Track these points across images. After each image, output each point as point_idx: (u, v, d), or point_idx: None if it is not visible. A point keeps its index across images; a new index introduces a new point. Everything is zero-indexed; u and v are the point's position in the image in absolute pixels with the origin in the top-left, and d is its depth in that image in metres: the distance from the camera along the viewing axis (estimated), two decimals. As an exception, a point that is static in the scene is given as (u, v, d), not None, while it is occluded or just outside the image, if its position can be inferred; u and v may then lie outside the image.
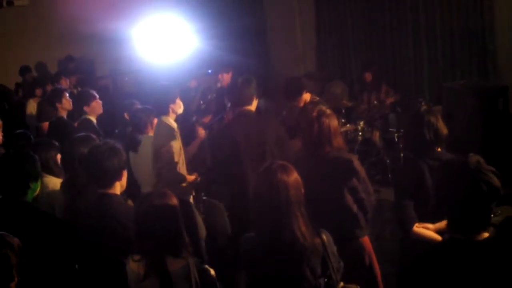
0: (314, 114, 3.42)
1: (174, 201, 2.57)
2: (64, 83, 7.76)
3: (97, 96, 5.47)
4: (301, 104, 5.13)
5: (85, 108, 5.35)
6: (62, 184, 3.47)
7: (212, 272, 2.62)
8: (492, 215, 2.10)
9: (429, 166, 3.16)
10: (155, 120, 4.65)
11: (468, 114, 5.78)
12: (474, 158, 2.11)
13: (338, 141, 3.47)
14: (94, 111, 5.39)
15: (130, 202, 3.04)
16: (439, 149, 3.26)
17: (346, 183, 3.38)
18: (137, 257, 2.54)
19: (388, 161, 6.92)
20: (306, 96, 5.14)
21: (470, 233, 2.08)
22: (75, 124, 5.45)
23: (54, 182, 3.57)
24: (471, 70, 7.04)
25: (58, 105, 5.64)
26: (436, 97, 7.10)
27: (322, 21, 9.30)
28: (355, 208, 3.43)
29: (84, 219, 2.93)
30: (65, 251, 2.87)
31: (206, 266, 2.61)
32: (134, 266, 2.54)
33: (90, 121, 5.31)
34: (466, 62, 7.10)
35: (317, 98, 5.20)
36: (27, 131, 5.61)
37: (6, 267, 2.22)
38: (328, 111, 3.48)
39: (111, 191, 2.90)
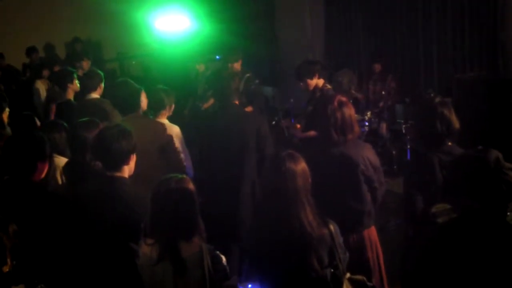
0: (335, 104, 3.37)
1: (191, 186, 2.57)
2: (86, 65, 7.47)
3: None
4: (311, 88, 5.09)
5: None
6: (64, 167, 3.46)
7: (224, 259, 2.61)
8: (508, 213, 2.08)
9: (439, 160, 3.09)
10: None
11: (478, 107, 5.73)
12: (493, 154, 2.06)
13: (357, 129, 3.45)
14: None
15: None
16: (449, 143, 3.19)
17: (363, 173, 3.35)
18: (150, 240, 2.53)
19: (394, 152, 6.88)
20: (319, 82, 5.10)
21: None
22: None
23: (64, 163, 3.53)
24: (481, 62, 6.96)
25: (69, 85, 5.55)
26: (445, 89, 7.04)
27: (331, 7, 9.23)
28: (369, 197, 3.41)
29: (89, 202, 2.90)
30: (71, 231, 2.84)
31: (218, 252, 2.60)
32: (147, 249, 2.53)
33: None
34: (476, 53, 7.02)
35: (329, 86, 5.16)
36: (32, 113, 5.56)
37: None
38: (345, 100, 3.45)
39: (119, 174, 2.87)
